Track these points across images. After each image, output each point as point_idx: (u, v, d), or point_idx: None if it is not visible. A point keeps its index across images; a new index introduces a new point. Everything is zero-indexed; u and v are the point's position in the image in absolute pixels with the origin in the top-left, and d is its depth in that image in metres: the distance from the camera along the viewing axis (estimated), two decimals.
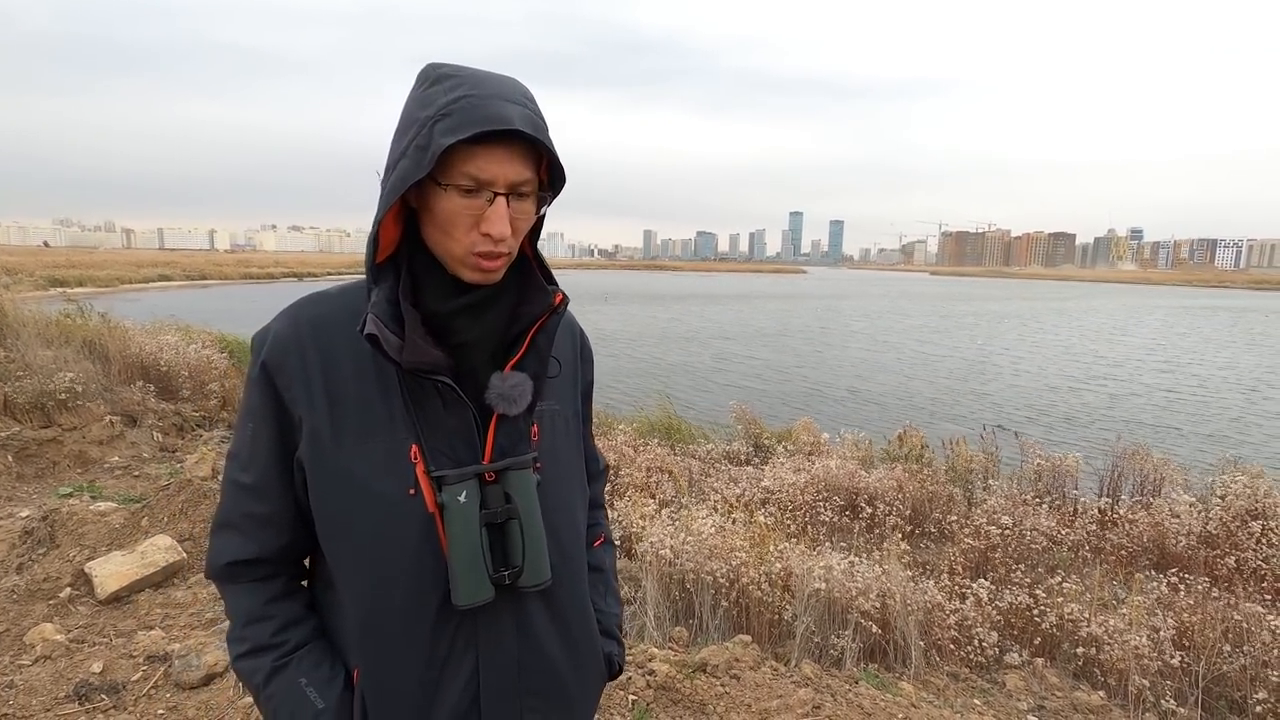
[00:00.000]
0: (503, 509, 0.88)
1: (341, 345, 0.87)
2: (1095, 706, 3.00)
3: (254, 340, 0.91)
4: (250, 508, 0.90)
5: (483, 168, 0.80)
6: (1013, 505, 5.21)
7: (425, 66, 0.85)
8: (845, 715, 2.09)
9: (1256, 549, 4.66)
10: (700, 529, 4.20)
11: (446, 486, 0.85)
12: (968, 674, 3.30)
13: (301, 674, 0.89)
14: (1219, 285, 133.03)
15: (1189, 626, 3.43)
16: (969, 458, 6.51)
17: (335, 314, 0.89)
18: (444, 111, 0.79)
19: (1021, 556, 4.56)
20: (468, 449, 0.88)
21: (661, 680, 2.40)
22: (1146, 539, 4.90)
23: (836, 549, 4.33)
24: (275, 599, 0.92)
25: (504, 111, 0.80)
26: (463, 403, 0.87)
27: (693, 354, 20.97)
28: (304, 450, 0.87)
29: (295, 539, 0.92)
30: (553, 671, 0.94)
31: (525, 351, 0.91)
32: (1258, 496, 5.33)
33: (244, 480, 0.90)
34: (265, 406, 0.88)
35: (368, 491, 0.85)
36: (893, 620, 3.52)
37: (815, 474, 5.76)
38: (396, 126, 0.85)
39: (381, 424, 0.86)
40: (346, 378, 0.87)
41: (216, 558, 0.93)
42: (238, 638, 0.92)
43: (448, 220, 0.83)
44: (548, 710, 0.94)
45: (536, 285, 0.94)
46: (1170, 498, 5.60)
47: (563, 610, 0.96)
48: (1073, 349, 24.66)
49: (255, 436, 0.89)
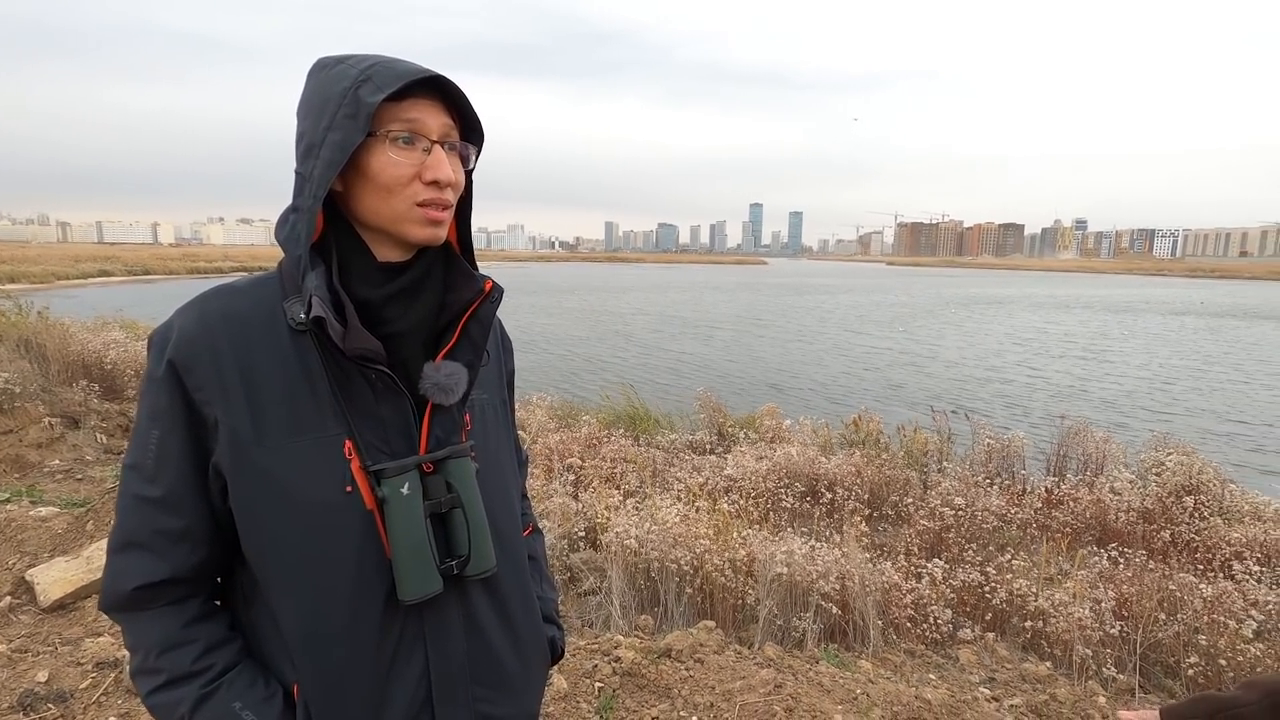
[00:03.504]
0: (446, 498, 0.87)
1: (258, 339, 0.82)
2: (1042, 677, 3.13)
3: (154, 338, 0.83)
4: (160, 523, 0.82)
5: (415, 116, 0.82)
6: (965, 487, 5.38)
7: (316, 60, 0.86)
8: (806, 692, 2.15)
9: (1189, 522, 4.92)
10: (665, 518, 4.24)
11: (386, 480, 0.82)
12: (923, 650, 3.42)
13: (234, 698, 0.82)
14: (1157, 273, 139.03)
15: (1128, 598, 3.60)
16: (924, 441, 6.70)
17: (248, 306, 0.84)
18: (363, 77, 0.80)
19: (974, 536, 4.72)
20: (403, 440, 0.86)
21: (627, 667, 2.43)
22: (1089, 515, 5.12)
23: (798, 534, 4.42)
24: (193, 622, 0.85)
25: (417, 65, 0.82)
26: (399, 393, 0.85)
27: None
28: (222, 454, 0.81)
29: (211, 555, 0.86)
30: (500, 659, 0.94)
31: (457, 340, 0.90)
32: (1191, 473, 5.62)
33: (150, 494, 0.82)
34: (173, 410, 0.81)
35: (299, 492, 0.81)
36: (852, 601, 3.62)
37: (777, 461, 5.85)
38: (303, 115, 0.84)
39: (310, 419, 0.82)
40: (266, 373, 0.81)
41: (120, 583, 0.83)
42: (150, 669, 0.83)
43: (390, 178, 0.82)
44: (497, 699, 0.93)
45: (463, 273, 0.93)
46: (1111, 475, 5.85)
47: (506, 598, 0.95)
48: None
49: (163, 444, 0.82)
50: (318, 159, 0.80)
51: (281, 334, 0.82)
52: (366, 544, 0.83)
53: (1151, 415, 11.67)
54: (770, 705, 2.04)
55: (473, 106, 0.87)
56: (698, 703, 2.19)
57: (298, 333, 0.82)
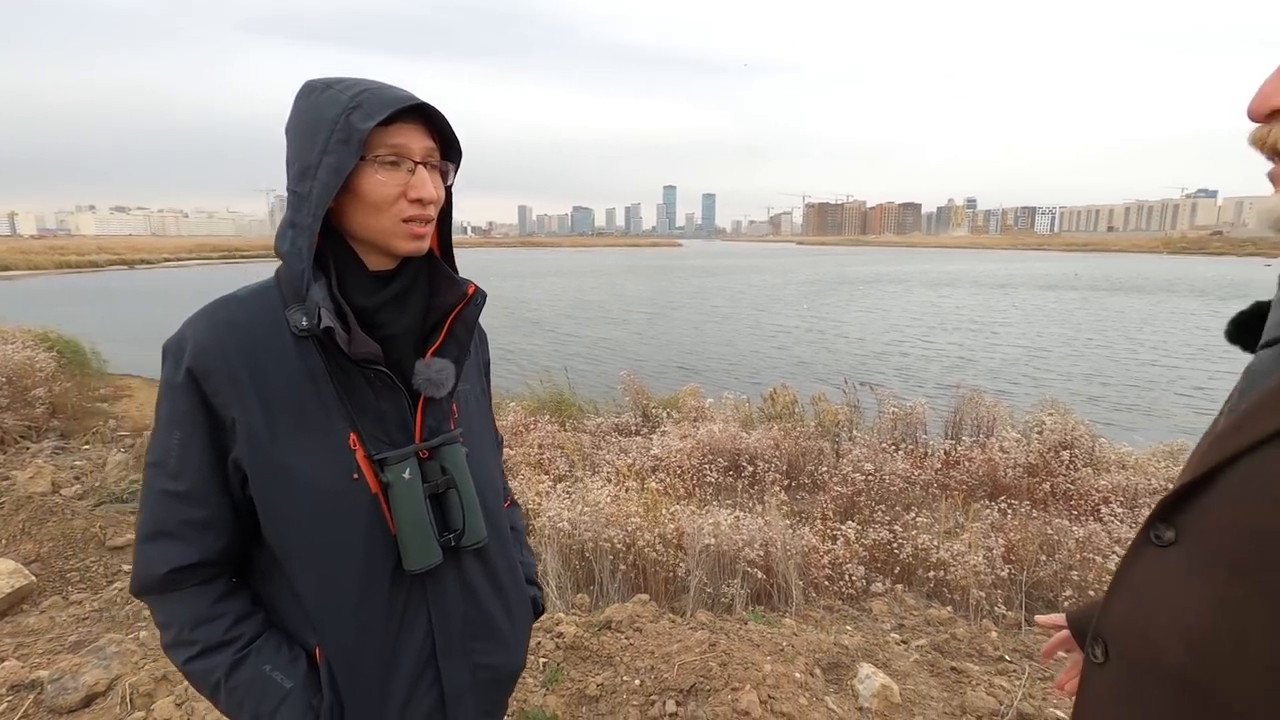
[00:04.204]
0: (441, 480, 0.98)
1: (264, 345, 0.90)
2: (944, 619, 3.47)
3: (169, 347, 0.91)
4: (186, 514, 0.91)
5: (399, 142, 0.90)
6: (873, 453, 5.77)
7: (305, 83, 0.93)
8: (737, 648, 2.32)
9: (1065, 474, 5.49)
10: (596, 499, 4.35)
11: (390, 467, 0.93)
12: (841, 605, 3.70)
13: (264, 661, 0.93)
14: (1039, 248, 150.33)
15: (1014, 544, 4.01)
16: (834, 412, 7.11)
17: (252, 315, 0.92)
18: (353, 104, 0.87)
19: (882, 498, 5.10)
20: (401, 431, 0.96)
21: (570, 641, 2.54)
22: (982, 473, 5.62)
23: (723, 507, 4.63)
24: (221, 598, 0.95)
25: (403, 93, 0.91)
26: (396, 389, 0.95)
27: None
28: (241, 451, 0.89)
29: (233, 540, 0.95)
30: (492, 618, 1.06)
31: (444, 339, 1.00)
32: (1067, 430, 6.25)
33: (176, 488, 0.91)
34: (194, 413, 0.89)
35: (311, 481, 0.90)
36: (775, 565, 3.86)
37: (700, 439, 6.07)
38: (296, 136, 0.91)
39: (316, 416, 0.91)
40: (275, 376, 0.90)
41: (154, 568, 0.92)
42: (185, 641, 0.93)
43: (379, 197, 0.91)
44: (491, 651, 1.05)
45: (446, 278, 1.03)
46: (1001, 436, 6.42)
47: (494, 564, 1.07)
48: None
49: (185, 443, 0.90)
50: (315, 180, 0.88)
51: (285, 340, 0.91)
52: (373, 524, 0.93)
53: (1031, 381, 12.72)
54: (706, 662, 2.20)
55: (452, 128, 0.96)
56: (639, 667, 2.32)
57: (300, 338, 0.91)
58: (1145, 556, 0.66)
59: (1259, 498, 0.55)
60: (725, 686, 2.06)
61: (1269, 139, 0.61)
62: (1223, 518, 0.58)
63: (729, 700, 2.00)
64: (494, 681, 1.06)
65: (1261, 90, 0.60)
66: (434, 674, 0.99)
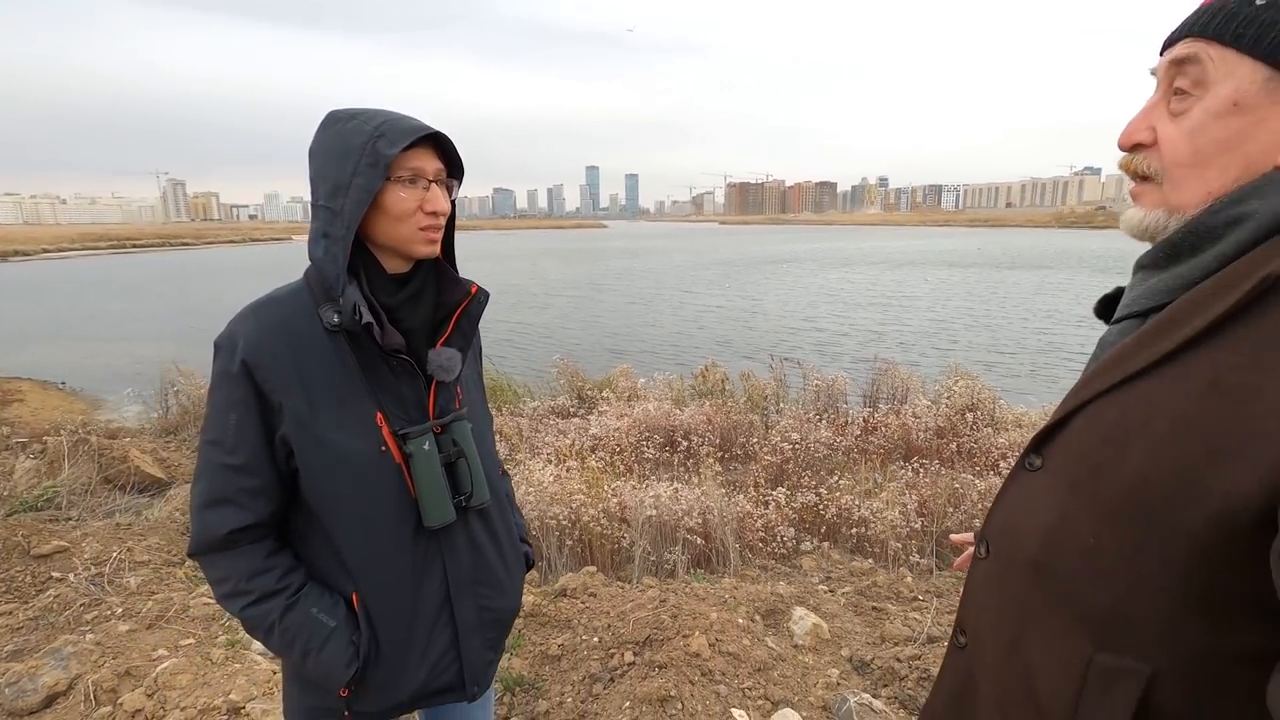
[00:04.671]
0: (453, 451, 1.16)
1: (305, 339, 1.07)
2: (865, 570, 3.82)
3: (221, 342, 1.07)
4: (243, 483, 1.06)
5: (417, 164, 1.08)
6: (799, 424, 6.14)
7: (329, 114, 1.09)
8: (685, 602, 2.55)
9: (970, 434, 6.02)
10: (540, 479, 4.50)
11: (411, 440, 1.10)
12: (774, 564, 4.01)
13: (311, 605, 1.09)
14: (945, 224, 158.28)
15: (926, 499, 4.43)
16: (762, 387, 7.47)
17: (292, 314, 1.08)
18: (378, 133, 1.04)
19: (809, 465, 5.46)
20: (418, 410, 1.14)
21: (529, 609, 2.70)
22: (897, 437, 6.08)
23: (662, 480, 4.87)
24: (271, 554, 1.11)
25: (419, 123, 1.09)
26: (416, 374, 1.13)
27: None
28: (288, 429, 1.05)
29: (280, 505, 1.11)
30: (493, 568, 1.24)
31: (452, 331, 1.18)
32: (973, 394, 6.82)
33: (233, 461, 1.06)
34: (248, 398, 1.04)
35: (349, 453, 1.07)
36: (713, 531, 4.12)
37: (636, 417, 6.28)
38: (323, 159, 1.07)
39: (349, 398, 1.08)
40: (314, 365, 1.06)
41: (215, 529, 1.07)
42: (243, 591, 1.08)
43: (400, 210, 1.07)
44: (494, 596, 1.23)
45: (451, 278, 1.21)
46: (914, 403, 6.93)
47: (493, 523, 1.26)
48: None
49: (241, 424, 1.05)
50: (347, 198, 1.04)
51: (320, 334, 1.07)
52: (399, 488, 1.11)
53: (939, 353, 13.64)
54: (659, 616, 2.41)
55: (458, 151, 1.14)
56: (596, 626, 2.51)
57: (331, 332, 1.08)
58: (1020, 479, 0.83)
59: (1092, 435, 0.74)
60: (677, 635, 2.27)
61: (1132, 165, 0.76)
62: (1070, 449, 0.76)
63: (681, 646, 2.22)
64: (496, 621, 1.25)
65: (1127, 127, 0.76)
66: (449, 615, 1.17)
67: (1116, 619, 0.69)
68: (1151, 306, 0.75)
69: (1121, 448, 0.69)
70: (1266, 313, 0.63)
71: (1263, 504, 0.58)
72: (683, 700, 2.01)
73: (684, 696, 2.02)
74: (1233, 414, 0.61)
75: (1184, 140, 0.70)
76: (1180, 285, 0.72)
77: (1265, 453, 0.58)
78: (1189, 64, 0.70)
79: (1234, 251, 0.68)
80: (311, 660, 1.09)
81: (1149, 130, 0.73)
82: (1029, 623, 0.77)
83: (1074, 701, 0.71)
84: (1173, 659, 0.66)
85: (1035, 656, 0.76)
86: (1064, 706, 0.71)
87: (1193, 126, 0.70)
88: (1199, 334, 0.66)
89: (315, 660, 1.09)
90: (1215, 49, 0.68)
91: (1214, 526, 0.61)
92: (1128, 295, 0.81)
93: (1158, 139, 0.73)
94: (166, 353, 9.69)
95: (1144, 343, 0.71)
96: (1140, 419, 0.68)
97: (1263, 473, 0.58)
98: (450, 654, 1.18)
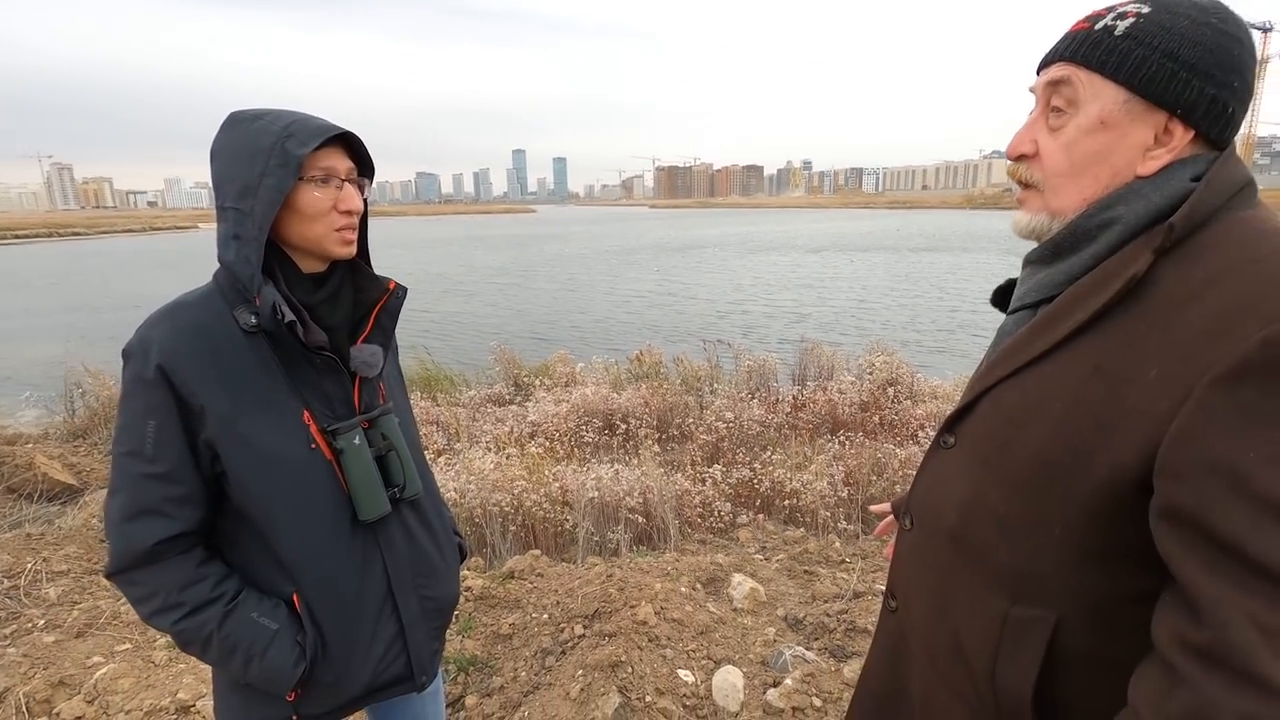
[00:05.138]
0: (383, 444, 1.18)
1: (222, 341, 1.05)
2: (797, 539, 4.04)
3: (133, 349, 1.03)
4: (167, 492, 1.03)
5: (329, 164, 1.08)
6: (733, 403, 6.34)
7: (231, 114, 1.08)
8: (631, 575, 2.67)
9: (891, 407, 6.38)
10: (480, 468, 4.52)
11: (341, 436, 1.11)
12: (712, 538, 4.18)
13: (250, 610, 1.08)
14: (867, 206, 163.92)
15: (851, 470, 4.69)
16: (696, 369, 7.66)
17: (206, 317, 1.06)
18: (286, 133, 1.04)
19: (742, 442, 5.67)
20: (345, 406, 1.15)
21: (479, 592, 2.76)
22: (824, 413, 6.36)
23: (602, 463, 4.97)
24: (202, 564, 1.08)
25: (327, 123, 1.09)
26: (340, 371, 1.14)
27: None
28: (213, 433, 1.03)
29: (207, 512, 1.08)
30: (430, 558, 1.26)
31: (372, 328, 1.20)
32: (893, 369, 7.20)
33: (155, 470, 1.03)
34: (167, 403, 1.02)
35: (277, 453, 1.06)
36: (653, 510, 4.26)
37: (575, 402, 6.34)
38: (227, 160, 1.05)
39: (272, 398, 1.07)
40: (234, 367, 1.04)
41: (139, 542, 1.03)
42: (174, 604, 1.05)
43: (314, 210, 1.07)
44: (433, 585, 1.26)
45: (368, 276, 1.22)
46: (839, 379, 7.26)
47: (427, 514, 1.29)
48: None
49: (161, 431, 1.02)
50: (257, 199, 1.02)
51: (237, 336, 1.05)
52: (331, 484, 1.11)
53: (860, 332, 14.25)
54: (606, 590, 2.52)
55: (367, 149, 1.15)
56: (546, 604, 2.60)
57: (248, 334, 1.06)
58: (936, 456, 0.92)
59: (997, 416, 0.82)
60: (624, 606, 2.39)
61: (1018, 174, 0.85)
62: (979, 429, 0.85)
63: (629, 615, 2.33)
64: (438, 610, 1.28)
65: (1013, 140, 0.84)
66: (392, 607, 1.19)
67: (1026, 576, 0.78)
68: (1041, 299, 0.84)
69: (1023, 428, 0.78)
70: (1133, 307, 0.72)
71: (1141, 472, 0.67)
72: (632, 664, 2.13)
73: (633, 661, 2.14)
74: (1112, 395, 0.70)
75: (1062, 153, 0.79)
76: (1064, 280, 0.81)
77: (1140, 427, 0.67)
78: (1063, 85, 0.79)
79: (1106, 251, 0.77)
80: (255, 666, 1.07)
81: (1032, 143, 0.82)
82: (952, 586, 0.86)
83: (994, 651, 0.80)
84: (1073, 605, 0.75)
85: (960, 615, 0.84)
86: (986, 656, 0.81)
87: (1068, 141, 0.79)
88: (1082, 325, 0.75)
89: (260, 666, 1.07)
90: (1084, 73, 0.77)
91: (1103, 492, 0.70)
92: (1020, 288, 0.89)
93: (1039, 151, 0.82)
94: (63, 352, 9.05)
95: (1036, 333, 0.80)
96: (1037, 401, 0.77)
97: (1140, 445, 0.67)
98: (397, 645, 1.19)
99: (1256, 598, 0.59)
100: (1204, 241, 0.72)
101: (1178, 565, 0.64)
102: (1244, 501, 0.60)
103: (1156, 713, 0.63)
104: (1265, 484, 0.60)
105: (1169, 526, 0.65)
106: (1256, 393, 0.62)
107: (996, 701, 0.80)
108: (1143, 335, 0.70)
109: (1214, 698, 0.59)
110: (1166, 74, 0.73)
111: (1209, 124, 0.74)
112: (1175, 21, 0.74)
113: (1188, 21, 0.73)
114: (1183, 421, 0.64)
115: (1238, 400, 0.62)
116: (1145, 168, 0.76)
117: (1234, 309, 0.65)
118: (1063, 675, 0.77)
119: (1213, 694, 0.59)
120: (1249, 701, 0.57)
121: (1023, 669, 0.78)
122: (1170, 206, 0.75)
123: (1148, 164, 0.76)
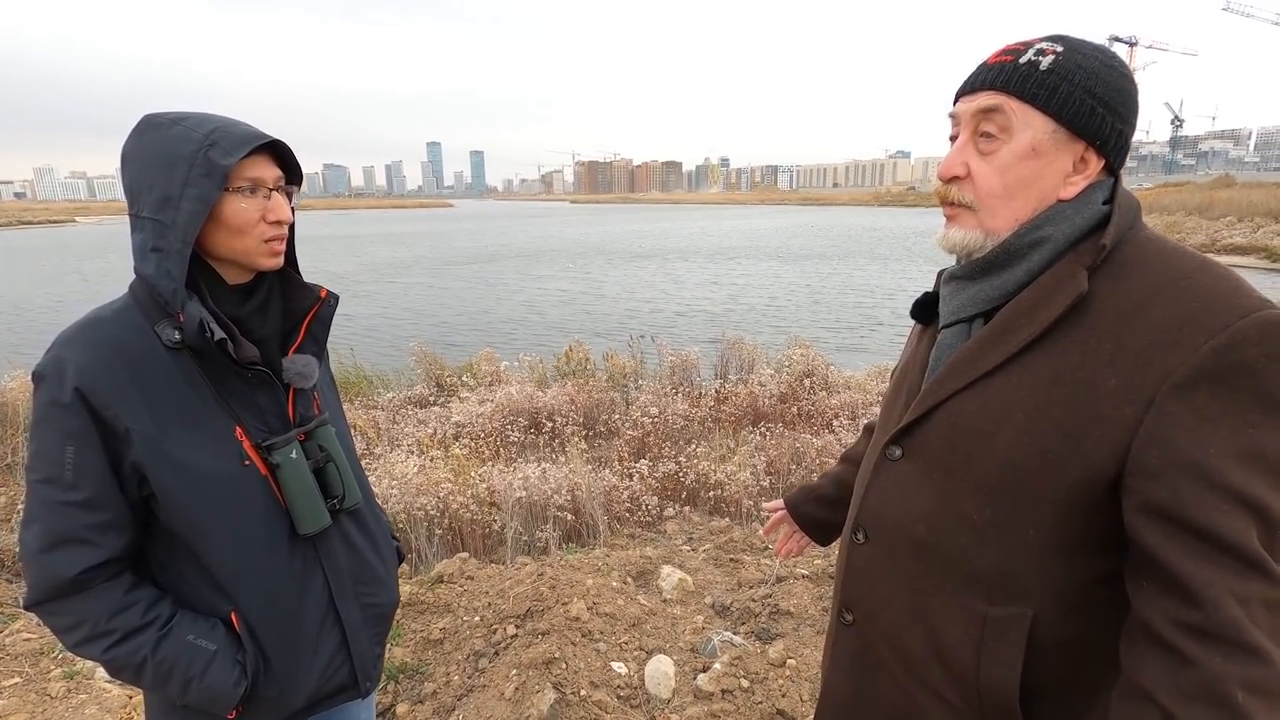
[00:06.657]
0: (320, 456, 1.16)
1: (143, 359, 1.00)
2: (722, 528, 4.16)
3: (46, 371, 0.97)
4: (89, 519, 0.98)
5: (256, 173, 1.04)
6: (658, 399, 6.44)
7: (145, 118, 1.03)
8: (563, 573, 2.69)
9: (808, 397, 6.65)
10: (403, 471, 4.41)
11: (277, 450, 1.08)
12: (641, 531, 4.25)
13: (186, 633, 1.04)
14: (782, 202, 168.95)
15: (773, 459, 4.88)
16: (622, 365, 7.73)
17: (124, 333, 1.01)
18: (209, 141, 0.99)
19: (668, 436, 5.77)
20: (279, 419, 1.12)
21: (406, 599, 2.71)
22: (746, 405, 6.56)
23: (529, 462, 4.95)
24: (131, 589, 1.04)
25: (254, 130, 1.05)
26: (273, 384, 1.11)
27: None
28: (139, 455, 0.98)
29: (133, 537, 1.04)
30: (370, 565, 1.25)
31: (304, 338, 1.17)
32: (809, 362, 7.50)
33: (74, 498, 0.97)
34: (85, 427, 0.96)
35: (208, 472, 1.03)
36: (582, 507, 4.29)
37: (499, 402, 6.28)
38: (142, 167, 1.00)
39: (202, 416, 1.03)
40: (158, 386, 1.00)
41: (62, 572, 0.98)
42: (102, 633, 1.01)
43: (241, 221, 1.03)
44: (374, 592, 1.26)
45: (298, 284, 1.19)
46: (760, 373, 7.50)
47: (366, 522, 1.27)
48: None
49: (80, 456, 0.97)
50: (179, 210, 0.98)
51: (159, 353, 1.01)
52: (267, 500, 1.09)
53: (774, 329, 14.73)
54: (538, 589, 2.53)
55: (296, 158, 1.11)
56: (477, 606, 2.58)
57: (172, 350, 1.01)
58: (884, 469, 0.94)
59: (958, 428, 0.85)
60: (557, 603, 2.41)
61: (949, 195, 0.89)
62: (937, 441, 0.87)
63: (561, 612, 2.36)
64: (380, 616, 1.27)
65: (945, 162, 0.88)
66: (334, 616, 1.18)
67: (1003, 577, 0.82)
68: (977, 313, 0.89)
69: (990, 437, 0.82)
70: (1080, 322, 0.79)
71: (1113, 471, 0.74)
72: (566, 660, 2.16)
73: (567, 657, 2.17)
74: (1075, 402, 0.76)
75: (996, 176, 0.84)
76: (999, 295, 0.87)
77: (1110, 432, 0.74)
78: (995, 113, 0.83)
79: (1039, 268, 0.84)
80: (195, 688, 1.04)
81: (964, 165, 0.87)
82: (925, 595, 0.89)
83: (976, 651, 0.84)
84: (1047, 598, 0.81)
85: (936, 621, 0.88)
86: (968, 657, 0.84)
87: (1002, 165, 0.84)
88: (1034, 339, 0.81)
89: (199, 688, 1.04)
90: (1016, 103, 0.82)
91: (1078, 490, 0.76)
92: (950, 303, 0.93)
93: (971, 173, 0.86)
94: None
95: (986, 346, 0.85)
96: (1000, 411, 0.82)
97: (1112, 447, 0.74)
98: (340, 654, 1.18)
99: (1235, 575, 0.67)
100: (1124, 259, 0.80)
101: (1162, 554, 0.71)
102: (1211, 493, 0.69)
103: (1170, 693, 0.68)
104: (1225, 476, 0.68)
105: (1148, 520, 0.72)
106: (1209, 396, 0.70)
107: (980, 697, 0.84)
108: (1094, 347, 0.77)
109: (1219, 672, 0.66)
110: (1088, 109, 0.80)
111: (1115, 154, 0.83)
112: (1088, 62, 0.81)
113: (1097, 63, 0.81)
114: (1150, 426, 0.72)
115: (1194, 405, 0.71)
116: (1066, 192, 0.84)
117: (1178, 322, 0.73)
118: (1039, 663, 0.82)
119: (1217, 668, 0.66)
120: (1249, 669, 0.65)
121: (1006, 664, 0.82)
122: (1089, 226, 0.83)
123: (1068, 188, 0.84)
